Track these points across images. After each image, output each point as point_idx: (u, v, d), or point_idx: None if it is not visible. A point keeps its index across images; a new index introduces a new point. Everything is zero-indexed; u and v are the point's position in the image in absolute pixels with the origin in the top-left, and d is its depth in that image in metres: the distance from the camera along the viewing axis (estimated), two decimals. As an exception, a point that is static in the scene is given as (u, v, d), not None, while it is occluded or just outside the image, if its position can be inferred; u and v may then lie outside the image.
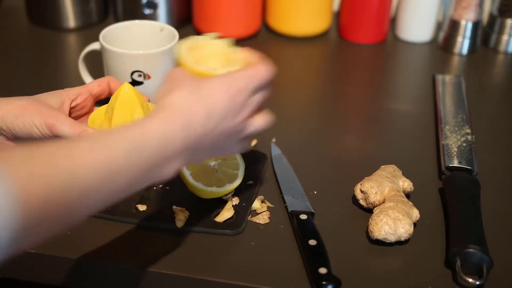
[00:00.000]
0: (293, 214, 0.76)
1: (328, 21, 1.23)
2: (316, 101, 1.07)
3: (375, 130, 0.93)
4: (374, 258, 0.73)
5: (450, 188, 0.79)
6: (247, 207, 0.77)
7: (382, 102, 1.06)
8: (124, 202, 0.77)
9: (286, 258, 0.72)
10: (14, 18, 1.27)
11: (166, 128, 0.58)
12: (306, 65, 1.18)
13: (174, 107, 0.60)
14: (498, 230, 0.76)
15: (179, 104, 0.60)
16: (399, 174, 0.80)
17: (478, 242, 0.70)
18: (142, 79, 0.90)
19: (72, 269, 0.72)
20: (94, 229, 0.74)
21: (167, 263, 0.71)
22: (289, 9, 1.19)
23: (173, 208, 0.77)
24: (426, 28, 1.21)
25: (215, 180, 0.76)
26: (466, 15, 1.16)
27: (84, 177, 0.52)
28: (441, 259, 0.72)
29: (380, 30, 1.21)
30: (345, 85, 1.11)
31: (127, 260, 0.71)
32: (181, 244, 0.73)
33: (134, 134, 0.57)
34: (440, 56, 1.19)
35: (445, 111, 0.97)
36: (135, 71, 0.89)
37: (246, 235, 0.75)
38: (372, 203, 0.77)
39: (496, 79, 1.17)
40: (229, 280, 0.69)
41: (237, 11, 1.17)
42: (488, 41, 1.20)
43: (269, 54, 1.26)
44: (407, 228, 0.72)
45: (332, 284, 0.66)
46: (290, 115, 1.00)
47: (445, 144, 0.88)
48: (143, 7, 1.19)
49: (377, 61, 1.21)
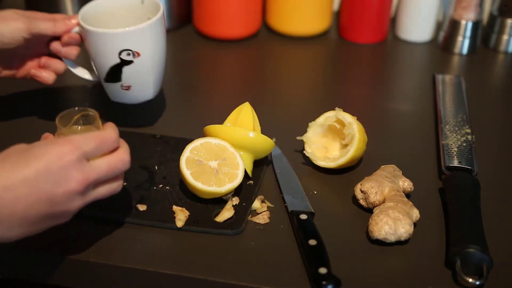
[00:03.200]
0: (293, 214, 0.76)
1: (328, 21, 1.23)
2: (316, 101, 1.07)
3: (375, 130, 0.93)
4: (374, 258, 0.73)
5: (450, 188, 0.79)
6: (247, 207, 0.77)
7: (382, 102, 1.06)
8: (124, 201, 0.78)
9: (286, 258, 0.72)
10: (14, 18, 1.26)
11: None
12: (306, 65, 1.18)
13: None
14: (498, 230, 0.76)
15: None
16: (399, 174, 0.80)
17: (478, 242, 0.70)
18: (132, 58, 0.83)
19: (72, 269, 0.72)
20: (94, 229, 0.74)
21: (167, 263, 0.71)
22: (289, 9, 1.19)
23: (173, 208, 0.77)
24: (426, 28, 1.21)
25: (215, 180, 0.76)
26: (466, 15, 1.16)
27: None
28: (441, 259, 0.72)
29: (380, 30, 1.21)
30: (345, 85, 1.11)
31: (127, 260, 0.71)
32: (181, 244, 0.73)
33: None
34: (440, 56, 1.19)
35: (445, 111, 0.96)
36: (123, 50, 0.83)
37: (246, 235, 0.75)
38: (372, 203, 0.77)
39: (496, 79, 1.17)
40: (229, 280, 0.69)
41: (237, 11, 1.17)
42: (488, 41, 1.20)
43: (269, 54, 1.27)
44: (407, 228, 0.72)
45: (332, 284, 0.66)
46: (290, 114, 1.00)
47: (445, 144, 0.88)
48: (143, 7, 1.18)
49: (377, 61, 1.21)
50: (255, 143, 0.81)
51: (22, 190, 0.60)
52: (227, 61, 1.18)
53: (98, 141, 0.65)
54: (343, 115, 0.84)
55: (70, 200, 0.62)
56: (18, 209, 0.60)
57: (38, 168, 0.60)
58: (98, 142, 0.64)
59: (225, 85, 1.13)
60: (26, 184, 0.60)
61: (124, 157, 0.67)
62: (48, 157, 0.61)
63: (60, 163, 0.61)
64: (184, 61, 1.17)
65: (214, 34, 1.19)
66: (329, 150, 0.87)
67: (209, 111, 1.02)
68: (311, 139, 0.86)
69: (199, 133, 0.84)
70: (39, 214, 0.61)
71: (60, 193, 0.61)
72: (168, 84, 1.02)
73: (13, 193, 0.59)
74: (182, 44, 1.20)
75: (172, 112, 0.98)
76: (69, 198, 0.62)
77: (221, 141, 0.79)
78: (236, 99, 0.93)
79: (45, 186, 0.60)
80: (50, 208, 0.62)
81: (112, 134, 0.66)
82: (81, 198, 0.63)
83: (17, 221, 0.61)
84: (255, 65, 1.19)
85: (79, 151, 0.62)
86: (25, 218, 0.61)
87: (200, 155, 0.78)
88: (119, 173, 0.67)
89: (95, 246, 0.72)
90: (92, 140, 0.64)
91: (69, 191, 0.62)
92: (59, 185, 0.61)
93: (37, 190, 0.60)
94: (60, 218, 0.64)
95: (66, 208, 0.63)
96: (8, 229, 0.61)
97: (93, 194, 0.65)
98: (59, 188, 0.61)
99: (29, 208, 0.60)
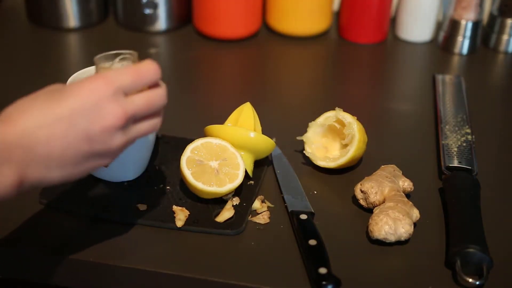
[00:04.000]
0: (293, 214, 0.76)
1: (328, 21, 1.23)
2: (316, 101, 1.07)
3: (375, 130, 0.93)
4: (374, 258, 0.73)
5: (450, 188, 0.79)
6: (247, 207, 0.77)
7: (382, 102, 1.06)
8: (124, 201, 0.78)
9: (286, 258, 0.72)
10: (13, 18, 1.27)
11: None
12: (306, 65, 1.18)
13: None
14: (498, 230, 0.76)
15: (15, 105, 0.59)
16: (399, 174, 0.80)
17: (478, 242, 0.70)
18: None
19: (72, 269, 0.72)
20: (94, 228, 0.75)
21: (167, 263, 0.71)
22: (289, 9, 1.19)
23: (173, 208, 0.77)
24: (426, 28, 1.21)
25: (216, 180, 0.76)
26: (466, 15, 1.16)
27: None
28: (441, 259, 0.72)
29: (380, 30, 1.21)
30: (345, 85, 1.11)
31: (127, 260, 0.71)
32: (181, 244, 0.74)
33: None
34: (440, 56, 1.19)
35: (445, 111, 0.97)
36: None
37: (246, 235, 0.75)
38: (372, 203, 0.77)
39: (496, 79, 1.17)
40: (229, 280, 0.69)
41: (237, 11, 1.17)
42: (488, 41, 1.20)
43: (269, 54, 1.27)
44: (407, 228, 0.72)
45: (332, 284, 0.67)
46: (290, 114, 1.00)
47: (445, 144, 0.88)
48: (143, 7, 1.19)
49: (377, 61, 1.21)
50: (256, 143, 0.81)
51: (57, 128, 0.57)
52: (227, 61, 1.18)
53: (134, 75, 0.61)
54: (343, 115, 0.84)
55: (109, 137, 0.59)
56: (55, 148, 0.57)
57: (71, 106, 0.58)
58: (134, 76, 0.61)
59: (225, 85, 1.13)
60: (61, 122, 0.57)
61: (162, 92, 0.64)
62: (82, 93, 0.58)
63: (94, 98, 0.58)
64: (184, 61, 1.17)
65: (214, 34, 1.19)
66: (329, 150, 0.87)
67: (210, 111, 1.02)
68: (311, 139, 0.86)
69: (199, 133, 0.84)
70: (78, 153, 0.59)
71: (97, 130, 0.58)
72: (168, 84, 1.02)
73: (48, 131, 0.57)
74: (182, 44, 1.21)
75: (172, 112, 0.97)
76: (108, 134, 0.59)
77: (221, 141, 0.79)
78: (236, 99, 0.93)
79: (81, 123, 0.58)
80: (89, 146, 0.59)
81: (149, 68, 0.62)
82: (121, 135, 0.60)
83: (55, 161, 0.58)
84: (255, 65, 1.19)
85: (114, 85, 0.59)
86: (64, 158, 0.58)
87: (200, 155, 0.78)
88: (158, 108, 0.64)
89: (95, 246, 0.72)
90: (127, 74, 0.61)
91: (107, 127, 0.59)
92: (96, 121, 0.58)
93: (73, 128, 0.58)
94: (102, 158, 0.61)
95: (106, 146, 0.60)
96: (47, 170, 0.58)
97: (134, 131, 0.62)
98: (95, 125, 0.58)
99: (67, 147, 0.58)
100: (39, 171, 0.59)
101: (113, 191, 0.79)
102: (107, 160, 0.62)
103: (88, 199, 0.78)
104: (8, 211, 0.75)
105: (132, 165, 0.81)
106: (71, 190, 0.79)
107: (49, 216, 0.76)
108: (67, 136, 0.58)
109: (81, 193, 0.79)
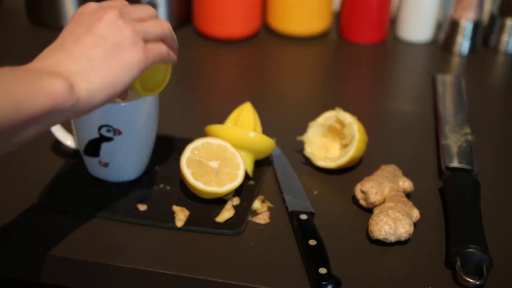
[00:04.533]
0: (293, 214, 0.76)
1: (328, 21, 1.23)
2: (316, 101, 1.07)
3: (375, 130, 0.93)
4: (374, 258, 0.73)
5: (450, 188, 0.79)
6: (247, 207, 0.77)
7: (382, 102, 1.06)
8: (124, 201, 0.78)
9: (286, 258, 0.72)
10: (13, 18, 1.27)
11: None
12: (306, 65, 1.19)
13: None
14: (498, 230, 0.76)
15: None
16: (399, 174, 0.80)
17: (478, 242, 0.70)
18: (112, 135, 0.77)
19: (72, 269, 0.72)
20: (94, 228, 0.75)
21: (167, 263, 0.71)
22: (289, 9, 1.19)
23: (173, 208, 0.77)
24: (426, 28, 1.21)
25: (216, 180, 0.76)
26: (466, 15, 1.16)
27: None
28: (441, 259, 0.72)
29: (380, 30, 1.21)
30: (345, 85, 1.11)
31: (127, 260, 0.71)
32: (181, 244, 0.74)
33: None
34: (440, 56, 1.19)
35: (445, 111, 0.97)
36: (103, 126, 0.76)
37: (246, 235, 0.75)
38: (372, 203, 0.77)
39: (496, 79, 1.17)
40: (229, 280, 0.69)
41: (237, 11, 1.17)
42: (488, 41, 1.20)
43: (269, 54, 1.27)
44: (407, 228, 0.72)
45: (332, 284, 0.67)
46: (290, 114, 1.00)
47: (445, 144, 0.88)
48: (143, 7, 1.18)
49: (377, 61, 1.21)
50: (256, 143, 0.81)
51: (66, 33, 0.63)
52: (227, 61, 1.18)
53: (135, 5, 0.66)
54: (343, 115, 0.84)
55: (114, 29, 0.62)
56: (83, 42, 0.61)
57: (78, 11, 0.65)
58: (135, 6, 0.66)
59: (225, 85, 1.13)
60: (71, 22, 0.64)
61: (165, 21, 0.68)
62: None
63: (91, 10, 0.64)
64: (184, 61, 1.16)
65: (214, 34, 1.19)
66: (329, 150, 0.87)
67: (210, 111, 1.02)
68: (311, 139, 0.86)
69: (199, 133, 0.84)
70: (99, 54, 0.61)
71: (99, 24, 0.62)
72: (168, 84, 1.02)
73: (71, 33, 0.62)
74: (182, 44, 1.19)
75: (172, 112, 0.98)
76: (110, 25, 0.62)
77: (222, 141, 0.79)
78: (236, 99, 0.93)
79: (84, 22, 0.63)
80: (101, 42, 0.61)
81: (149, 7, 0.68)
82: (123, 23, 0.63)
83: (85, 58, 0.61)
84: (255, 65, 1.19)
85: (120, 10, 0.64)
86: (91, 55, 0.61)
87: (201, 155, 0.78)
88: (159, 30, 0.67)
89: (95, 246, 0.72)
90: (129, 5, 0.65)
91: (106, 19, 0.62)
92: (94, 18, 0.62)
93: (76, 29, 0.62)
94: (125, 49, 0.62)
95: (117, 39, 0.62)
96: (85, 73, 0.60)
97: (140, 25, 0.64)
98: (96, 22, 0.62)
99: (86, 46, 0.61)
100: (80, 71, 0.60)
101: (113, 191, 0.79)
102: (133, 52, 0.63)
103: (88, 199, 0.78)
104: (8, 211, 0.75)
105: (132, 165, 0.81)
106: (71, 190, 0.79)
107: (48, 216, 0.76)
108: (75, 31, 0.62)
109: (81, 193, 0.79)
